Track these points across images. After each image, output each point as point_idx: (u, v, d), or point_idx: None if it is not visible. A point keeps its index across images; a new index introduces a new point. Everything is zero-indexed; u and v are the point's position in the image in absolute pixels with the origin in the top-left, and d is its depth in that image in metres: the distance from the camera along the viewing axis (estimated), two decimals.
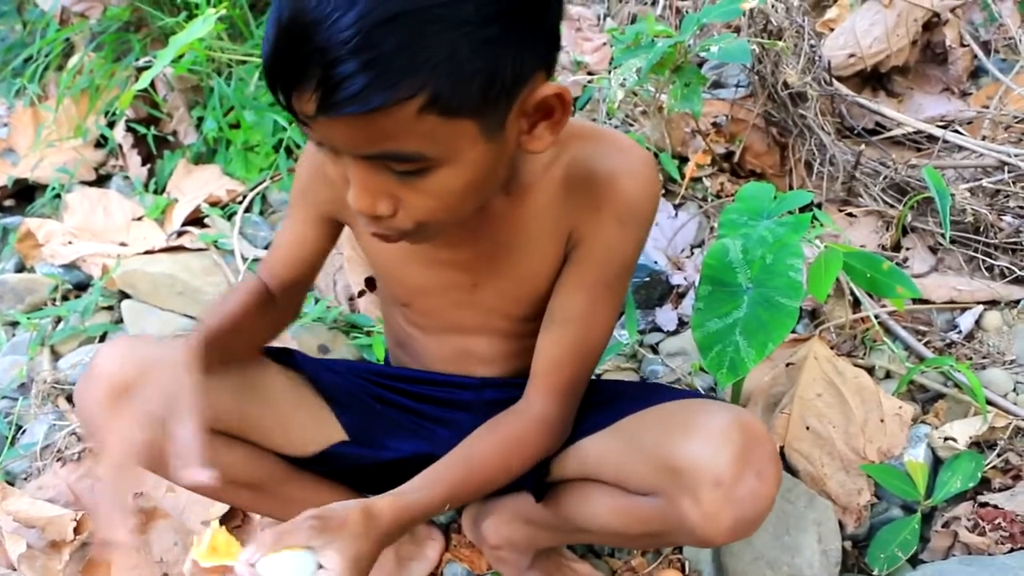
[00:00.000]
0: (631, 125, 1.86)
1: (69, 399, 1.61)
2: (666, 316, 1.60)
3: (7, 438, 1.56)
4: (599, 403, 1.05)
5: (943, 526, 1.26)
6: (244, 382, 1.02)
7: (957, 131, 1.83)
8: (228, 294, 1.00)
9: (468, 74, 0.67)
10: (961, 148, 1.77)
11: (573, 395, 0.99)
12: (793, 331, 1.53)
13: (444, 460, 0.92)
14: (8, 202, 2.19)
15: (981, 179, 1.70)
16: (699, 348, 1.17)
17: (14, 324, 1.82)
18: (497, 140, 0.75)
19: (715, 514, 0.85)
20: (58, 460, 1.43)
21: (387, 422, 1.12)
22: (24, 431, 1.57)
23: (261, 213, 1.96)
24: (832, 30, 2.01)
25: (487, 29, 0.66)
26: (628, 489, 0.97)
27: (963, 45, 1.94)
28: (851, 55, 1.93)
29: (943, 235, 1.59)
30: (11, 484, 1.43)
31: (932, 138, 1.82)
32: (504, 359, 1.08)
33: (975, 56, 1.99)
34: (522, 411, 0.98)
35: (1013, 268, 1.61)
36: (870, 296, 1.56)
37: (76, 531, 1.25)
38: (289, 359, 1.09)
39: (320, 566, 0.76)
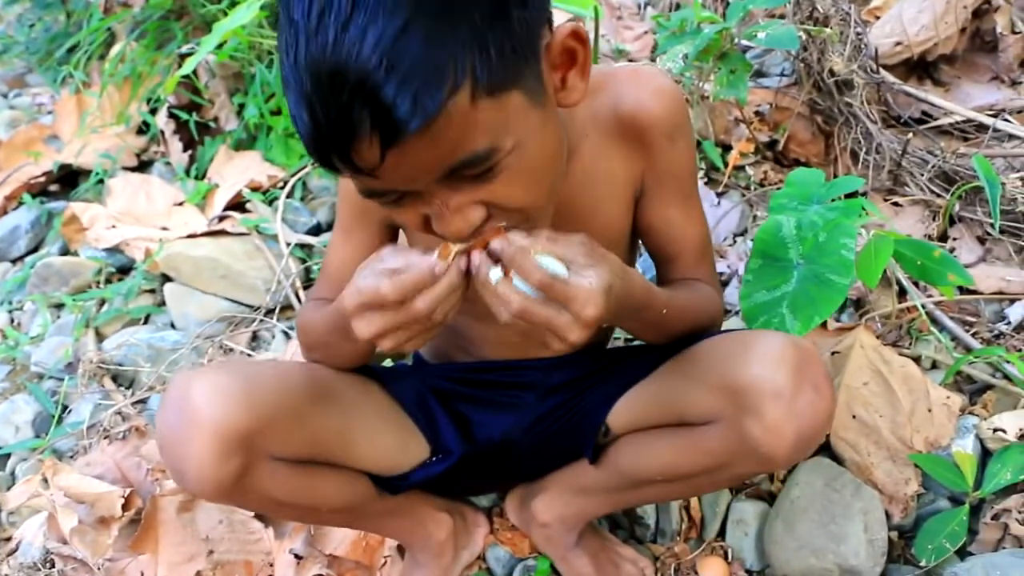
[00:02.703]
0: None
1: (114, 379, 1.64)
2: None
3: (54, 417, 1.58)
4: (647, 349, 1.08)
5: (992, 518, 1.24)
6: (334, 403, 1.02)
7: (1007, 120, 1.79)
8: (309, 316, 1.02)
9: (493, 44, 0.67)
10: (1011, 137, 1.74)
11: (708, 267, 1.07)
12: (838, 320, 1.53)
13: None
14: (53, 187, 2.23)
15: None
16: (744, 318, 1.18)
17: (59, 306, 1.85)
18: (543, 102, 0.75)
19: (778, 427, 0.86)
20: (104, 438, 1.45)
21: (456, 421, 1.12)
22: (70, 410, 1.60)
23: (302, 199, 1.97)
24: (878, 18, 1.98)
25: None
26: (688, 422, 0.98)
27: (1014, 32, 1.91)
28: (897, 43, 1.90)
29: (992, 225, 1.57)
30: (58, 461, 1.45)
31: (980, 127, 1.79)
32: None
33: None
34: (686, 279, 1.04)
35: None
36: (916, 286, 1.54)
37: (124, 507, 1.27)
38: (363, 371, 1.10)
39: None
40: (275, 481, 0.94)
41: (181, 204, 2.02)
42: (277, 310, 1.73)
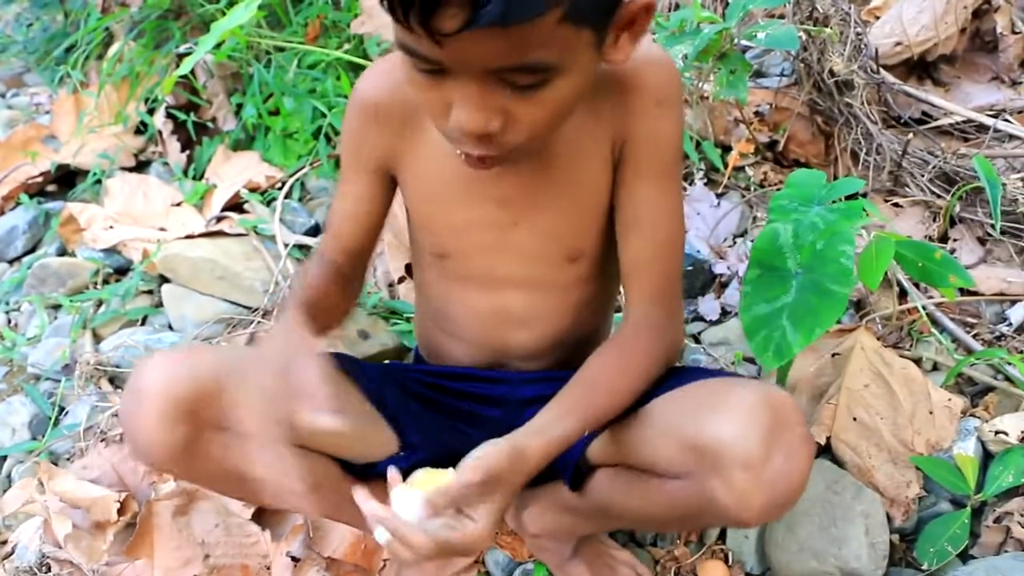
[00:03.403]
0: None
1: (111, 381, 1.63)
2: (709, 305, 1.58)
3: (51, 419, 1.57)
4: None
5: (994, 521, 1.23)
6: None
7: (1007, 120, 1.78)
8: (304, 275, 1.01)
9: None
10: (1012, 137, 1.73)
11: (671, 292, 1.01)
12: (839, 321, 1.51)
13: (568, 388, 0.93)
14: (50, 187, 2.22)
15: None
16: (745, 331, 1.16)
17: (56, 307, 1.84)
18: (600, 48, 0.78)
19: (745, 496, 0.83)
20: (101, 441, 1.44)
21: (427, 423, 1.11)
22: (67, 412, 1.59)
23: (300, 199, 1.96)
24: (877, 18, 1.98)
25: None
26: (659, 472, 0.95)
27: (1014, 32, 1.90)
28: (897, 43, 1.89)
29: (992, 226, 1.56)
30: (55, 464, 1.45)
31: (981, 127, 1.78)
32: (542, 320, 1.07)
33: None
34: (628, 323, 0.99)
35: None
36: (917, 287, 1.53)
37: (120, 512, 1.26)
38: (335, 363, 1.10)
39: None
40: (228, 451, 0.96)
41: (179, 204, 2.01)
42: (275, 311, 1.72)
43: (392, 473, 0.88)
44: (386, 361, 1.54)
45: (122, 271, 1.90)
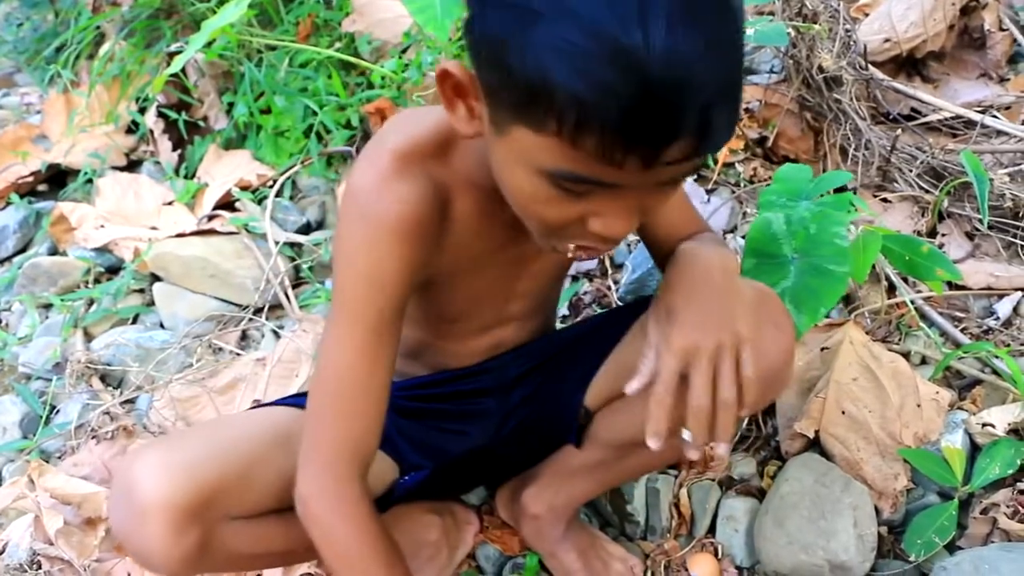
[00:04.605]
0: None
1: (102, 379, 1.63)
2: None
3: (42, 417, 1.57)
4: (601, 326, 1.13)
5: (981, 513, 1.24)
6: (291, 445, 0.92)
7: (995, 116, 1.80)
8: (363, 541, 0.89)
9: None
10: (1000, 133, 1.74)
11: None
12: (827, 316, 1.52)
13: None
14: (41, 187, 2.22)
15: (1020, 164, 1.67)
16: None
17: (48, 306, 1.84)
18: None
19: (743, 369, 0.86)
20: (92, 438, 1.44)
21: (422, 437, 1.11)
22: (58, 411, 1.59)
23: (291, 198, 1.97)
24: (866, 15, 1.99)
25: None
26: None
27: (1002, 29, 1.91)
28: (886, 40, 1.90)
29: (980, 220, 1.57)
30: (46, 462, 1.45)
31: (969, 124, 1.79)
32: (528, 333, 1.12)
33: (1015, 41, 1.95)
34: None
35: None
36: (905, 281, 1.54)
37: None
38: None
39: None
40: (241, 539, 0.91)
41: (170, 203, 2.01)
42: (266, 309, 1.72)
43: None
44: None
45: (113, 270, 1.90)
